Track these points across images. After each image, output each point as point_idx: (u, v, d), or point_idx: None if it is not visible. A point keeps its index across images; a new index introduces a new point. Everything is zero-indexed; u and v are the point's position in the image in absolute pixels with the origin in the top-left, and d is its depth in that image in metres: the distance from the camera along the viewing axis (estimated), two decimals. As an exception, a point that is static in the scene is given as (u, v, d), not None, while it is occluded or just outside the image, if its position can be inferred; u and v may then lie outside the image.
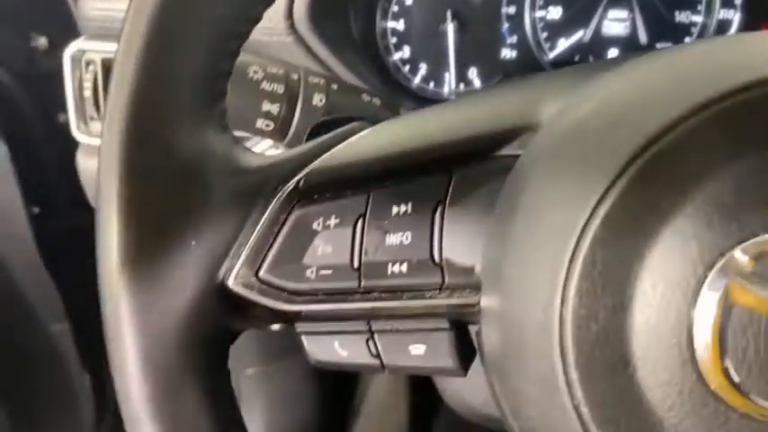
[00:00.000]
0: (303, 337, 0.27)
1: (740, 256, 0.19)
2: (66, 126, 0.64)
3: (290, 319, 0.27)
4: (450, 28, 0.57)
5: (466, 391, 0.53)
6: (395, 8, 0.58)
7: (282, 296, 0.27)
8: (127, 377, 0.25)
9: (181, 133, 0.25)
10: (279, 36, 0.51)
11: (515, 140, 0.25)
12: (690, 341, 0.19)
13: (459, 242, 0.25)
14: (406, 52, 0.59)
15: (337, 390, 0.94)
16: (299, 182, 0.27)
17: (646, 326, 0.20)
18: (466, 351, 0.26)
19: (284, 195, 0.27)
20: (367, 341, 0.26)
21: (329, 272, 0.26)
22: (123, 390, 0.26)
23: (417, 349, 0.26)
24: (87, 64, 0.57)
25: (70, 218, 0.86)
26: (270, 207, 0.27)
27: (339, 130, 0.29)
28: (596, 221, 0.20)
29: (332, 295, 0.26)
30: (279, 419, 0.89)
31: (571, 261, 0.20)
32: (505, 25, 0.56)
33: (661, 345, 0.20)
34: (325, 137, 0.29)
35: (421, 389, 0.90)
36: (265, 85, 0.37)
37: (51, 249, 0.86)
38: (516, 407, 0.23)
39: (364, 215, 0.26)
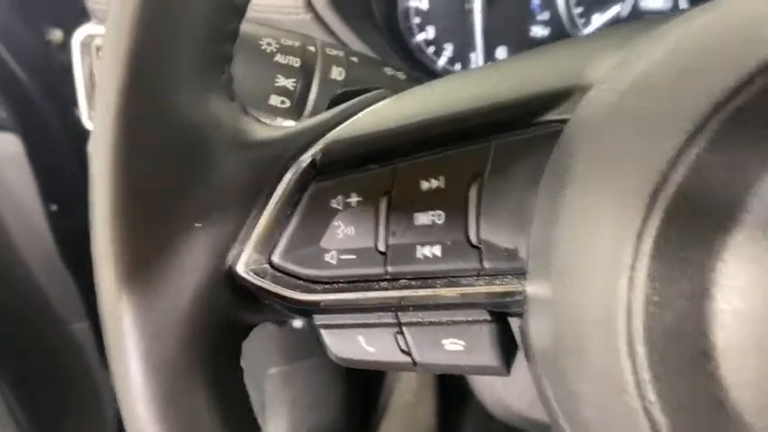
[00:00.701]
0: (322, 332, 0.25)
1: None
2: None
3: (307, 310, 0.24)
4: (477, 5, 0.54)
5: (506, 393, 0.50)
6: (418, -15, 0.56)
7: (299, 284, 0.24)
8: (128, 379, 0.23)
9: (180, 101, 0.23)
10: (296, 14, 0.49)
11: (563, 103, 0.22)
12: None
13: (500, 220, 0.22)
14: (430, 33, 0.57)
15: (363, 389, 0.93)
16: (315, 155, 0.25)
17: (732, 314, 0.17)
18: (509, 347, 0.23)
19: (299, 170, 0.25)
20: (395, 335, 0.23)
21: (351, 256, 0.24)
22: (124, 393, 0.24)
23: (454, 344, 0.23)
24: (98, 50, 0.55)
25: (89, 215, 0.85)
26: (283, 184, 0.24)
27: (359, 98, 0.26)
28: (671, 188, 0.17)
29: (355, 283, 0.24)
30: (303, 419, 0.89)
31: (640, 237, 0.17)
32: (536, 1, 0.53)
33: (750, 336, 0.17)
34: (343, 105, 0.26)
35: (449, 387, 0.88)
36: (279, 59, 0.34)
37: (70, 247, 0.86)
38: (571, 410, 0.20)
39: (390, 191, 0.23)
